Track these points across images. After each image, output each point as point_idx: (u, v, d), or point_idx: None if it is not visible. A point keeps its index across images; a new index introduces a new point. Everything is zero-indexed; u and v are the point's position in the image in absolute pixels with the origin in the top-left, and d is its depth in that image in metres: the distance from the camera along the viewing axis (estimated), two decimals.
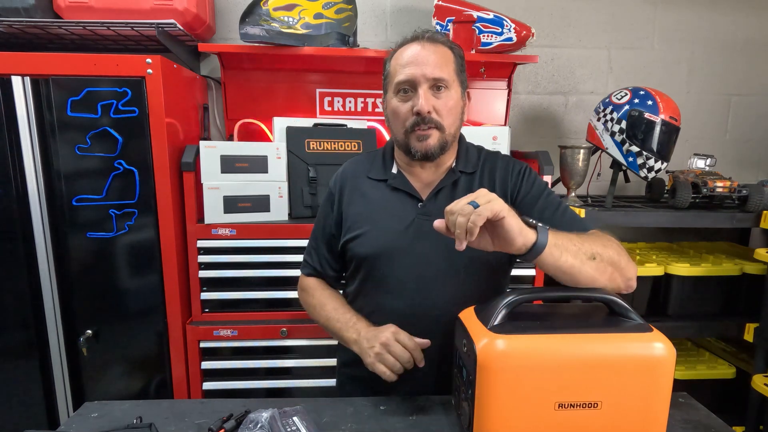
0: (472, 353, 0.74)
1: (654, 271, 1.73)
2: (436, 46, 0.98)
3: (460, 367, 0.83)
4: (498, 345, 0.73)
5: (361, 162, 1.13)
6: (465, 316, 0.84)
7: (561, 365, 0.73)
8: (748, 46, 2.13)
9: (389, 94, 1.02)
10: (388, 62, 1.03)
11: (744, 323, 1.69)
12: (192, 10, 1.62)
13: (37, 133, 1.41)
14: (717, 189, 1.66)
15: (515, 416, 0.74)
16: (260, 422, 0.81)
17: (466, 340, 0.79)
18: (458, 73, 1.00)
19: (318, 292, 1.13)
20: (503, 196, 0.97)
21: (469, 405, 0.76)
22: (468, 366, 0.77)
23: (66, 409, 1.56)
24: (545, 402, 0.73)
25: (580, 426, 0.75)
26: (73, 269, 1.48)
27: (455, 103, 0.99)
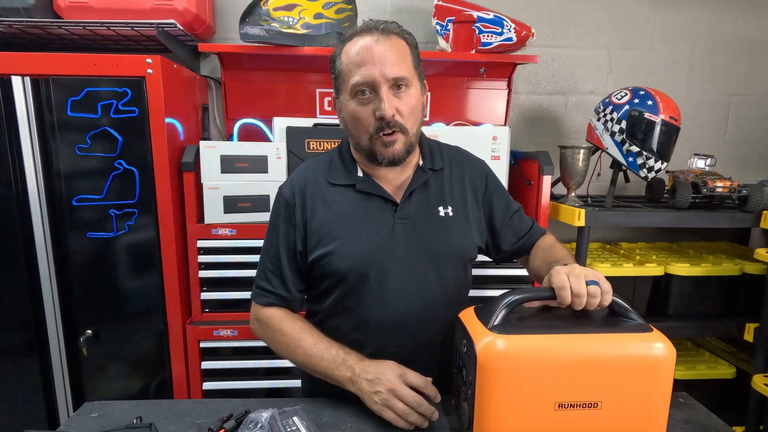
0: (473, 353, 0.74)
1: (654, 271, 1.73)
2: (391, 39, 0.89)
3: (459, 368, 0.83)
4: (498, 345, 0.73)
5: (315, 167, 1.01)
6: (465, 316, 0.83)
7: (561, 365, 0.73)
8: (748, 46, 2.13)
9: (344, 95, 0.92)
10: (338, 59, 0.93)
11: (744, 323, 1.69)
12: (192, 10, 1.62)
13: (37, 133, 1.41)
14: (717, 189, 1.66)
15: (515, 416, 0.73)
16: (260, 422, 0.81)
17: (466, 340, 0.78)
18: (416, 67, 0.94)
19: (287, 326, 0.97)
20: (473, 198, 1.04)
21: (469, 405, 0.76)
22: (468, 366, 0.77)
23: (66, 409, 1.56)
24: (545, 402, 0.73)
25: (579, 426, 0.75)
26: (73, 269, 1.48)
27: (417, 101, 0.93)
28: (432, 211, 0.98)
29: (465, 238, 1.01)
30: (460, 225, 1.00)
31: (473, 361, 0.74)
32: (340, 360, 0.90)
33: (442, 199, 1.00)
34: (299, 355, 0.94)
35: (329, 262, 0.94)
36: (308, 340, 0.94)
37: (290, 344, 0.96)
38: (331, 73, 0.97)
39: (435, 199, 1.00)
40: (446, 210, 0.99)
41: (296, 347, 0.95)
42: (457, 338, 0.85)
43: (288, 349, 0.96)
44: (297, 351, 0.95)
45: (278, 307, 1.01)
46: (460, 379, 0.83)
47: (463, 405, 0.80)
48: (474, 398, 0.74)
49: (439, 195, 1.00)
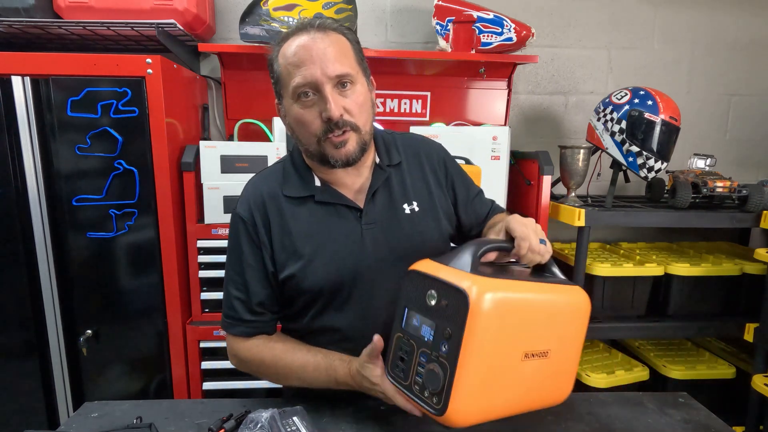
0: (459, 300, 0.68)
1: (654, 271, 1.73)
2: (329, 35, 0.85)
3: (411, 332, 0.75)
4: (491, 288, 0.68)
5: (269, 180, 0.95)
6: (425, 267, 0.76)
7: (533, 312, 0.74)
8: (748, 46, 2.13)
9: (287, 100, 0.87)
10: (275, 62, 0.88)
11: (744, 323, 1.69)
12: (192, 10, 1.62)
13: (37, 133, 1.41)
14: (717, 189, 1.66)
15: (492, 370, 0.70)
16: (260, 422, 0.81)
17: (435, 291, 0.72)
18: (360, 63, 0.89)
19: (267, 355, 0.92)
20: (437, 185, 1.01)
21: (447, 362, 0.68)
22: (445, 319, 0.70)
23: (66, 409, 1.56)
24: (515, 353, 0.72)
25: (533, 377, 0.75)
26: (73, 269, 1.48)
27: (365, 97, 0.88)
28: (397, 211, 0.95)
29: (434, 232, 0.98)
30: (428, 219, 0.97)
31: (460, 308, 0.67)
32: (332, 379, 0.88)
33: (405, 196, 0.97)
34: (293, 380, 0.93)
35: (300, 281, 0.90)
36: (294, 363, 0.91)
37: (279, 373, 0.93)
38: (270, 77, 0.91)
39: (398, 197, 0.96)
40: (411, 206, 0.96)
41: (286, 375, 0.93)
42: (408, 295, 0.77)
43: (279, 378, 0.95)
44: (289, 378, 0.93)
45: (253, 337, 0.95)
46: (414, 341, 0.74)
47: (430, 367, 0.70)
48: (457, 352, 0.67)
49: (401, 192, 0.97)
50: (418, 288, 0.75)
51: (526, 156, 1.80)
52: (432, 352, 0.70)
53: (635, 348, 1.98)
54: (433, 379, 0.69)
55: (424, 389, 0.71)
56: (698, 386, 1.80)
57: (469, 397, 0.68)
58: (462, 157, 1.66)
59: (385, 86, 1.97)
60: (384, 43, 2.01)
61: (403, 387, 0.74)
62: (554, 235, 2.14)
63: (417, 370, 0.72)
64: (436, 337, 0.70)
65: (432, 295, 0.72)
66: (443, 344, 0.69)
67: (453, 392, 0.67)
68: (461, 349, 0.67)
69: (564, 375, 0.82)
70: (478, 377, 0.69)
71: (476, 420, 0.71)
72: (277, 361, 0.92)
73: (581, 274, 1.66)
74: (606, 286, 1.73)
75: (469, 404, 0.69)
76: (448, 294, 0.70)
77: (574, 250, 1.69)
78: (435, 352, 0.70)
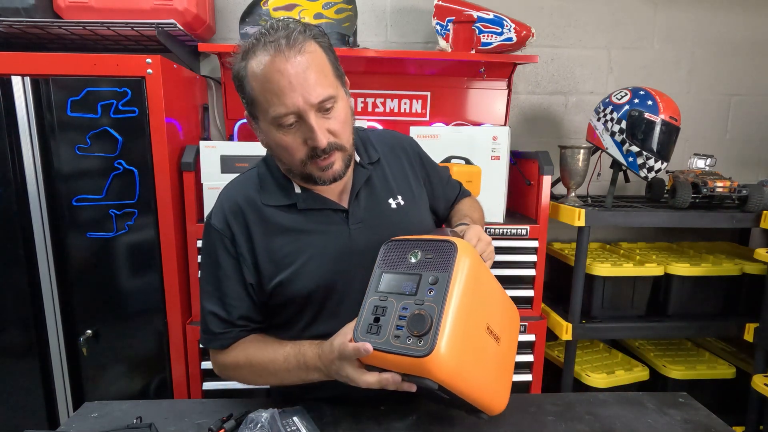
0: (447, 249, 0.75)
1: (654, 271, 1.73)
2: (304, 53, 0.78)
3: (389, 290, 0.77)
4: (471, 247, 0.78)
5: (245, 188, 0.92)
6: (406, 237, 0.83)
7: (493, 292, 0.83)
8: (748, 46, 2.13)
9: (264, 124, 0.84)
10: (245, 82, 0.82)
11: (744, 323, 1.69)
12: (192, 10, 1.62)
13: (37, 133, 1.41)
14: (717, 189, 1.66)
15: (469, 323, 0.73)
16: (260, 422, 0.81)
17: (419, 249, 0.78)
18: (337, 74, 0.85)
19: (252, 353, 0.89)
20: (415, 178, 1.03)
21: (435, 303, 0.71)
22: (430, 269, 0.75)
23: (66, 409, 1.56)
24: (482, 318, 0.77)
25: (492, 359, 0.79)
26: (73, 269, 1.48)
27: (346, 113, 0.85)
28: (384, 207, 0.95)
29: (422, 223, 0.99)
30: (414, 211, 0.99)
31: (449, 254, 0.74)
32: (302, 365, 0.84)
33: (389, 191, 0.97)
34: (269, 378, 0.90)
35: (291, 288, 0.88)
36: (266, 359, 0.88)
37: (255, 372, 0.90)
38: (239, 92, 0.86)
39: (383, 193, 0.96)
40: (397, 200, 0.97)
41: (260, 373, 0.89)
42: (386, 261, 0.80)
43: (256, 378, 0.91)
44: (264, 375, 0.90)
45: (231, 346, 0.92)
46: (391, 299, 0.75)
47: (414, 312, 0.71)
48: (446, 291, 0.71)
49: (385, 188, 0.97)
50: (399, 252, 0.80)
51: (526, 156, 1.80)
52: (416, 300, 0.73)
53: (635, 348, 1.98)
54: (418, 322, 0.70)
55: (406, 338, 0.70)
56: (698, 386, 1.80)
57: (455, 338, 0.69)
58: (462, 157, 1.66)
59: (385, 86, 1.97)
60: (384, 43, 2.01)
61: (377, 345, 0.72)
62: (554, 235, 2.14)
63: (396, 323, 0.72)
64: (420, 287, 0.74)
65: (415, 254, 0.78)
66: (429, 290, 0.73)
67: (441, 327, 0.68)
68: (450, 287, 0.71)
69: (504, 381, 0.83)
70: (462, 321, 0.71)
71: (454, 372, 0.69)
72: (251, 359, 0.89)
73: (581, 274, 1.67)
74: (606, 286, 1.73)
75: (453, 346, 0.69)
76: (434, 248, 0.77)
77: (574, 250, 1.69)
78: (420, 300, 0.73)
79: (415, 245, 0.78)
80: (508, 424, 0.88)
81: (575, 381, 1.78)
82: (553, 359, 1.92)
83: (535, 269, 1.68)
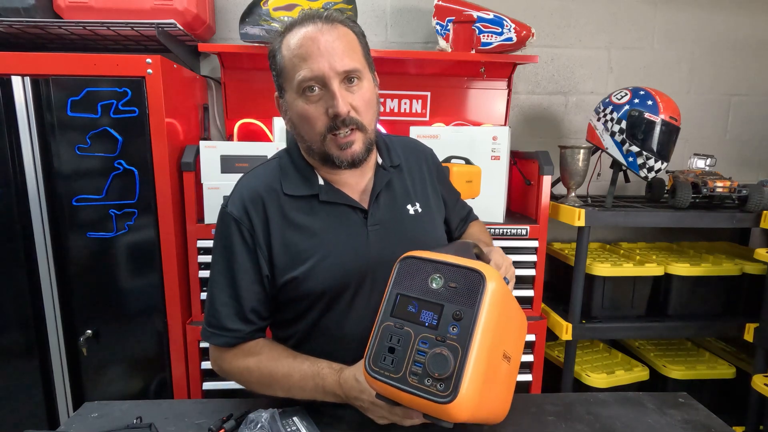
0: (474, 281, 0.68)
1: (654, 271, 1.73)
2: (337, 28, 0.81)
3: (406, 317, 0.71)
4: (498, 274, 0.71)
5: (265, 177, 0.91)
6: (424, 254, 0.75)
7: (512, 311, 0.77)
8: (748, 46, 2.13)
9: (290, 94, 0.84)
10: (278, 53, 0.84)
11: (744, 323, 1.69)
12: (192, 10, 1.62)
13: (37, 133, 1.41)
14: (717, 189, 1.66)
15: (491, 359, 0.69)
16: (260, 422, 0.81)
17: (441, 275, 0.71)
18: (366, 57, 0.86)
19: (264, 362, 0.87)
20: (432, 188, 1.03)
21: (459, 344, 0.66)
22: (453, 300, 0.69)
23: (66, 409, 1.56)
24: (500, 346, 0.73)
25: (503, 381, 0.76)
26: (73, 269, 1.48)
27: (371, 94, 0.85)
28: (402, 212, 0.95)
29: (436, 232, 0.99)
30: (430, 220, 0.98)
31: (476, 288, 0.68)
32: (320, 387, 0.83)
33: (408, 196, 0.97)
34: (278, 390, 0.87)
35: (304, 284, 0.87)
36: (279, 372, 0.86)
37: (263, 382, 0.87)
38: (271, 69, 0.88)
39: (402, 198, 0.96)
40: (415, 207, 0.96)
41: (270, 384, 0.87)
42: (402, 282, 0.73)
43: (263, 387, 0.88)
44: (274, 387, 0.87)
45: (236, 346, 0.89)
46: (407, 329, 0.70)
47: (436, 352, 0.66)
48: (472, 332, 0.65)
49: (404, 193, 0.96)
50: (417, 273, 0.73)
51: (526, 156, 1.80)
52: (437, 336, 0.68)
53: (635, 348, 1.98)
54: (440, 364, 0.65)
55: (425, 378, 0.65)
56: (698, 386, 1.80)
57: (478, 382, 0.65)
58: (462, 157, 1.66)
59: (385, 86, 1.97)
60: (384, 43, 2.01)
61: (392, 380, 0.68)
62: (554, 235, 2.14)
63: (415, 358, 0.67)
64: (442, 320, 0.68)
65: (437, 279, 0.71)
66: (452, 326, 0.67)
67: (465, 373, 0.63)
68: (476, 328, 0.65)
69: (508, 393, 0.82)
70: (485, 360, 0.66)
71: (474, 414, 0.67)
72: (262, 369, 0.86)
73: (581, 274, 1.67)
74: (606, 286, 1.73)
75: (477, 391, 0.65)
76: (459, 276, 0.70)
77: (574, 250, 1.69)
78: (442, 336, 0.67)
79: (437, 268, 0.72)
80: (508, 424, 0.88)
81: (575, 381, 1.78)
82: (553, 359, 1.92)
83: (535, 269, 1.68)
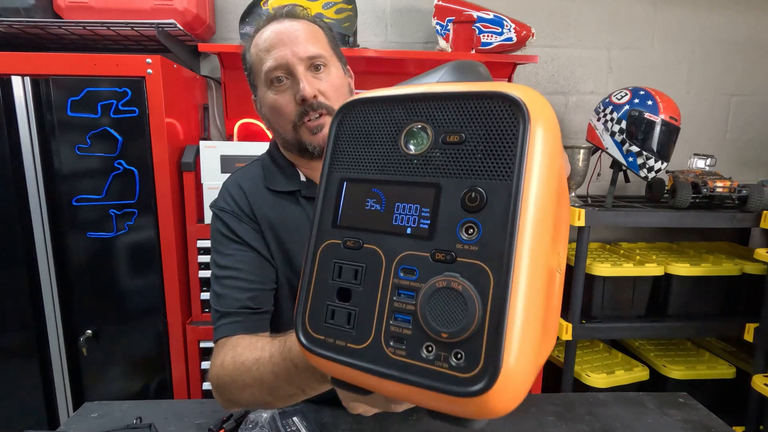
0: (502, 123, 0.34)
1: (654, 271, 1.73)
2: (300, 21, 0.85)
3: (363, 225, 0.39)
4: (545, 100, 0.36)
5: (247, 177, 0.92)
6: (387, 91, 0.45)
7: (561, 180, 0.40)
8: (748, 47, 2.13)
9: (261, 89, 0.87)
10: (248, 53, 0.88)
11: (744, 323, 1.69)
12: (192, 10, 1.62)
13: (37, 133, 1.41)
14: (717, 189, 1.66)
15: (545, 289, 0.35)
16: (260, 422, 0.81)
17: (427, 123, 0.37)
18: (334, 48, 0.88)
19: (243, 354, 0.70)
20: None
21: (488, 263, 0.32)
22: (461, 169, 0.35)
23: (66, 409, 1.56)
24: (554, 256, 0.40)
25: (557, 306, 0.47)
26: (73, 269, 1.48)
27: (341, 81, 0.86)
28: None
29: None
30: None
31: (507, 141, 0.33)
32: (290, 364, 0.58)
33: None
34: (257, 392, 0.67)
35: (287, 280, 0.86)
36: (249, 361, 0.68)
37: (237, 381, 0.69)
38: (245, 72, 0.91)
39: None
40: None
41: (246, 381, 0.68)
42: (348, 147, 0.42)
43: (245, 392, 0.69)
44: (254, 388, 0.67)
45: (229, 339, 0.77)
46: (369, 249, 0.37)
47: (440, 285, 0.33)
48: (510, 239, 0.31)
49: None
50: (375, 132, 0.40)
51: None
52: (435, 251, 0.34)
53: (635, 348, 1.98)
54: (452, 310, 0.32)
55: (421, 345, 0.33)
56: (698, 386, 1.80)
57: (533, 338, 0.32)
58: None
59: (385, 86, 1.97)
60: (384, 43, 2.01)
61: (351, 358, 0.36)
62: None
63: (394, 306, 0.35)
64: (440, 218, 0.35)
65: (418, 133, 0.37)
66: (464, 227, 0.34)
67: (509, 327, 0.31)
68: (520, 222, 0.31)
69: (557, 322, 0.49)
70: (540, 290, 0.33)
71: (523, 395, 0.34)
72: (237, 360, 0.70)
73: (581, 274, 1.66)
74: (606, 286, 1.73)
75: (532, 354, 0.32)
76: (466, 115, 0.35)
77: (574, 250, 1.69)
78: (445, 251, 0.34)
79: (415, 110, 0.38)
80: (508, 424, 0.88)
81: (575, 381, 1.77)
82: (553, 359, 1.92)
83: None
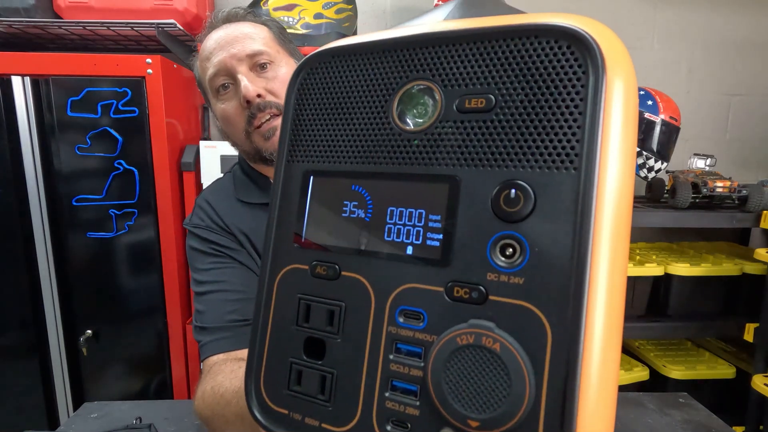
0: (571, 46, 0.25)
1: (654, 271, 1.73)
2: (239, 23, 0.80)
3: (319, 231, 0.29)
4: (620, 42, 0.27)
5: (217, 192, 0.86)
6: (370, 37, 0.30)
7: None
8: (748, 47, 2.13)
9: (212, 101, 0.82)
10: (194, 69, 0.84)
11: (744, 323, 1.69)
12: (192, 10, 1.62)
13: (37, 133, 1.41)
14: (717, 189, 1.66)
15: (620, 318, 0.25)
16: None
17: (435, 80, 0.27)
18: (282, 44, 0.83)
19: (223, 383, 0.64)
20: None
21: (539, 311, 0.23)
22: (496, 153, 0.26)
23: (66, 409, 1.56)
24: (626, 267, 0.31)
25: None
26: (73, 269, 1.48)
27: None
28: None
29: None
30: None
31: (585, 68, 0.24)
32: None
33: None
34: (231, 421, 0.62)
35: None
36: (231, 389, 0.62)
37: (216, 413, 0.63)
38: (199, 89, 0.86)
39: None
40: None
41: (223, 415, 0.62)
42: (309, 129, 0.32)
43: (216, 422, 0.64)
44: (228, 419, 0.62)
45: (212, 359, 0.72)
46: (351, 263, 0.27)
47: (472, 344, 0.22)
48: (585, 264, 0.23)
49: None
50: (354, 88, 0.30)
51: None
52: (454, 287, 0.24)
53: (635, 348, 1.97)
54: (489, 386, 0.22)
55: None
56: (698, 386, 1.79)
57: (609, 410, 0.22)
58: None
59: None
60: None
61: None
62: None
63: (389, 373, 0.25)
64: (461, 232, 0.25)
65: (418, 97, 0.28)
66: (498, 249, 0.25)
67: (582, 406, 0.20)
68: (594, 234, 0.23)
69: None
70: (617, 327, 0.23)
71: None
72: (215, 390, 0.64)
73: None
74: None
75: (607, 411, 0.22)
76: (494, 64, 0.26)
77: None
78: (472, 286, 0.24)
79: (416, 63, 0.28)
80: None
81: None
82: None
83: None
